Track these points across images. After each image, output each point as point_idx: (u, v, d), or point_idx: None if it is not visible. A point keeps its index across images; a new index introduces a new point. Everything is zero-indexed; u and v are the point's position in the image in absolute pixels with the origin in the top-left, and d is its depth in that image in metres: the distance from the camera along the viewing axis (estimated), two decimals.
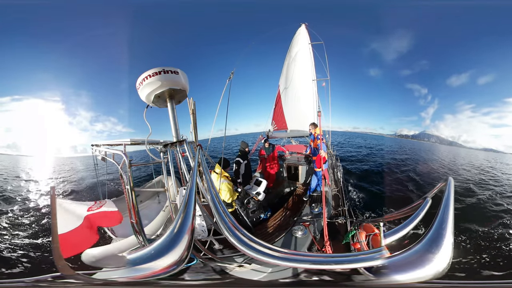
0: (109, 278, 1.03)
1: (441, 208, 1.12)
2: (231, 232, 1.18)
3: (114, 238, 3.65)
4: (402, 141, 76.12)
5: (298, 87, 8.01)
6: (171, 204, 2.74)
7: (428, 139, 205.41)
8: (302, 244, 2.96)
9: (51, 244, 1.02)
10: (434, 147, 52.12)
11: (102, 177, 4.75)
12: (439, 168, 16.07)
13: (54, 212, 1.11)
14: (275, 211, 4.28)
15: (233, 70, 4.15)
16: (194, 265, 2.16)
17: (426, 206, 1.66)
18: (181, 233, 1.01)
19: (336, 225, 3.42)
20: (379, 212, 6.94)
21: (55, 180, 13.93)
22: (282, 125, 8.38)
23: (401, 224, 1.75)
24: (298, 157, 6.39)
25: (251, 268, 2.35)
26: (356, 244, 2.53)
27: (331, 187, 5.00)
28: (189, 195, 1.27)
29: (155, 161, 2.54)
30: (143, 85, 2.26)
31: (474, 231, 5.49)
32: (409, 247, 0.95)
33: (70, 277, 1.02)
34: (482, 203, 7.81)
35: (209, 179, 1.88)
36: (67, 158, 29.92)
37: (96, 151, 2.79)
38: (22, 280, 1.30)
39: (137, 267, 0.95)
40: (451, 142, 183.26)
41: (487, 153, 40.04)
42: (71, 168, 19.01)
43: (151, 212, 4.62)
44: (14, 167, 20.00)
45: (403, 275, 0.90)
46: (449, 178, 1.47)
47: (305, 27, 8.28)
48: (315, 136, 4.57)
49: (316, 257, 1.13)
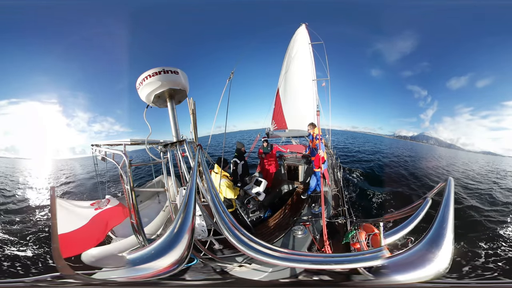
0: (108, 278, 1.03)
1: (441, 208, 1.11)
2: (231, 232, 1.18)
3: (114, 238, 3.65)
4: (400, 142, 75.95)
5: (298, 87, 8.02)
6: (171, 204, 2.74)
7: (427, 141, 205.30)
8: (302, 244, 2.97)
9: (51, 244, 1.02)
10: (432, 149, 51.98)
11: (102, 177, 4.75)
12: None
13: (54, 212, 1.12)
14: (275, 211, 4.28)
15: (233, 70, 4.14)
16: (194, 265, 2.16)
17: (426, 206, 1.66)
18: (181, 233, 1.01)
19: (336, 225, 3.42)
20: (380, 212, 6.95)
21: (54, 182, 13.92)
22: (282, 125, 8.38)
23: (401, 224, 1.75)
24: (298, 157, 6.39)
25: (251, 268, 2.35)
26: (356, 244, 2.53)
27: (331, 187, 5.00)
28: (189, 195, 1.27)
29: (155, 161, 2.54)
30: (143, 85, 2.26)
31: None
32: (409, 247, 0.95)
33: (69, 277, 1.02)
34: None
35: (209, 179, 1.88)
36: (66, 160, 29.94)
37: (96, 151, 2.79)
38: (21, 280, 1.30)
39: (137, 267, 0.95)
40: (450, 144, 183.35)
41: (486, 156, 39.94)
42: (70, 170, 19.02)
43: (151, 212, 4.62)
44: (13, 170, 20.00)
45: (403, 275, 0.90)
46: (449, 178, 1.47)
47: (305, 27, 8.28)
48: (314, 136, 4.58)
49: (316, 257, 1.13)
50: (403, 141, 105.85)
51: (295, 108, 8.03)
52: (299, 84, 7.96)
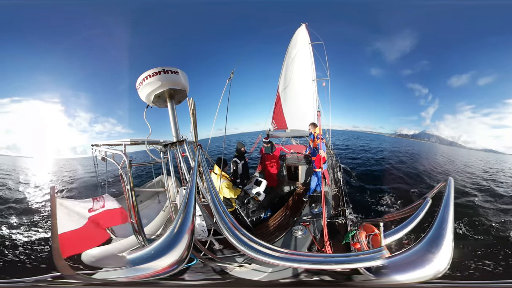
0: (109, 278, 1.03)
1: (441, 208, 1.11)
2: (231, 232, 1.18)
3: (114, 238, 3.65)
4: (401, 141, 75.50)
5: (298, 87, 8.01)
6: (171, 204, 2.74)
7: (428, 139, 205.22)
8: (302, 244, 2.96)
9: (51, 243, 1.02)
10: (434, 147, 51.71)
11: (102, 177, 4.75)
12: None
13: (54, 212, 1.12)
14: (275, 211, 4.28)
15: (233, 70, 4.15)
16: (194, 265, 2.15)
17: (426, 206, 1.66)
18: (181, 233, 1.01)
19: (336, 225, 3.42)
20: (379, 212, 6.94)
21: (55, 182, 13.93)
22: (282, 125, 8.38)
23: (401, 224, 1.75)
24: (298, 157, 6.39)
25: (251, 268, 2.35)
26: (356, 244, 2.53)
27: (331, 187, 5.00)
28: (189, 195, 1.27)
29: (155, 161, 2.54)
30: (143, 85, 2.26)
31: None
32: (409, 247, 0.95)
33: (70, 277, 1.02)
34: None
35: (209, 179, 1.88)
36: (67, 160, 29.97)
37: (96, 151, 2.79)
38: (22, 280, 1.30)
39: (137, 267, 0.95)
40: (451, 142, 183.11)
41: (487, 153, 39.77)
42: (71, 169, 19.03)
43: (151, 212, 4.62)
44: (14, 168, 20.02)
45: (403, 275, 0.90)
46: (449, 178, 1.47)
47: (305, 27, 8.28)
48: (315, 136, 4.57)
49: (316, 257, 1.13)
50: (405, 140, 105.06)
51: (296, 108, 8.03)
52: (299, 84, 7.96)
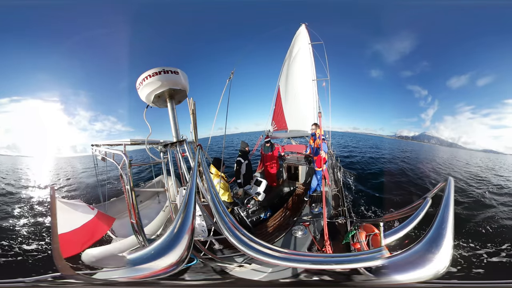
0: (109, 278, 1.03)
1: (441, 208, 1.11)
2: (231, 232, 1.18)
3: (114, 238, 3.65)
4: (401, 143, 75.28)
5: (298, 87, 8.01)
6: (171, 204, 2.74)
7: (428, 141, 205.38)
8: (302, 244, 2.96)
9: (51, 244, 1.02)
10: (434, 149, 51.57)
11: (102, 177, 4.75)
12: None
13: (54, 212, 1.12)
14: (275, 211, 4.28)
15: (233, 70, 4.15)
16: (194, 265, 2.16)
17: (426, 206, 1.66)
18: (181, 233, 1.01)
19: (336, 225, 3.42)
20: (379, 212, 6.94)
21: (55, 179, 13.94)
22: (282, 125, 8.37)
23: (401, 224, 1.75)
24: (298, 157, 6.39)
25: (251, 268, 2.35)
26: (356, 244, 2.53)
27: (331, 187, 5.00)
28: (189, 195, 1.27)
29: (155, 161, 2.55)
30: (143, 85, 2.26)
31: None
32: (409, 247, 0.95)
33: (70, 277, 1.02)
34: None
35: (209, 179, 1.88)
36: (67, 158, 30.01)
37: (96, 151, 2.79)
38: (22, 280, 1.30)
39: (137, 267, 0.95)
40: (451, 143, 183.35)
41: (487, 154, 39.73)
42: (71, 168, 19.04)
43: (151, 212, 4.62)
44: (14, 168, 20.02)
45: (403, 275, 0.90)
46: (449, 178, 1.47)
47: (305, 27, 8.28)
48: (317, 136, 4.58)
49: (316, 257, 1.13)
50: (405, 142, 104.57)
51: (296, 109, 8.02)
52: (300, 84, 7.95)
